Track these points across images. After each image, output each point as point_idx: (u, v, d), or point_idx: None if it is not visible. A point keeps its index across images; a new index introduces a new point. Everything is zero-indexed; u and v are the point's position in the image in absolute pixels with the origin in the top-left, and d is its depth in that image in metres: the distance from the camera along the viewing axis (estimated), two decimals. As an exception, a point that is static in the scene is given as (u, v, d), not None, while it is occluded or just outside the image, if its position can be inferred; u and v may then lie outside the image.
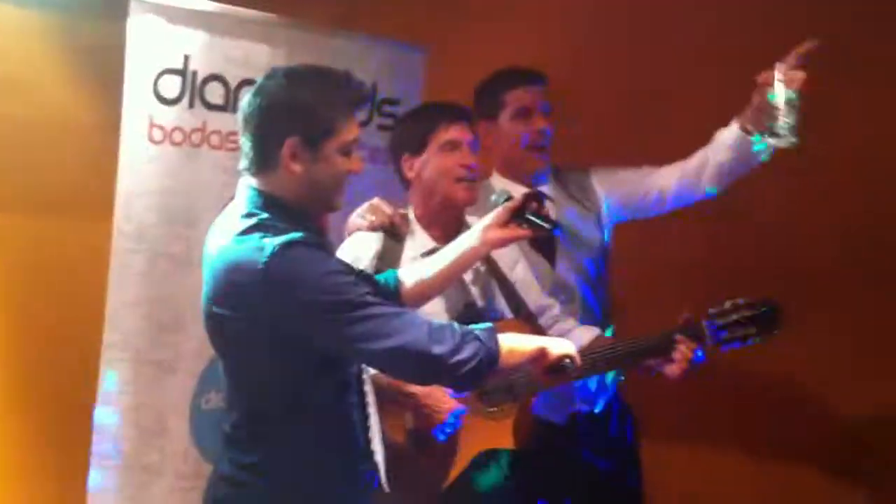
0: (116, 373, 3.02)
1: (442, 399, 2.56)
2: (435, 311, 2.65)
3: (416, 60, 3.59)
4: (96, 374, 3.01)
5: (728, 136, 2.91)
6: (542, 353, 2.22)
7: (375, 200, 2.83)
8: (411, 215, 2.81)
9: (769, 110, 2.69)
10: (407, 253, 2.74)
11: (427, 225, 2.78)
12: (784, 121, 2.70)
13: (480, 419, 2.66)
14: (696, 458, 3.80)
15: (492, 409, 2.68)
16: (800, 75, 2.67)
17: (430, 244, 2.74)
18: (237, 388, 2.22)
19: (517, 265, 2.88)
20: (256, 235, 2.10)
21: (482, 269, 2.81)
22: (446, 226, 2.73)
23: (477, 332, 2.16)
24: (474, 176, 2.71)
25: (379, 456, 2.31)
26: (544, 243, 3.00)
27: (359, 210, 2.83)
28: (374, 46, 3.45)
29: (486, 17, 3.93)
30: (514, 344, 2.20)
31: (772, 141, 2.73)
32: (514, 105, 3.03)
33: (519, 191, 2.99)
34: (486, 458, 2.69)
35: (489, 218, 2.49)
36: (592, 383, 3.03)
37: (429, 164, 2.72)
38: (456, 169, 2.70)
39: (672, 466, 3.57)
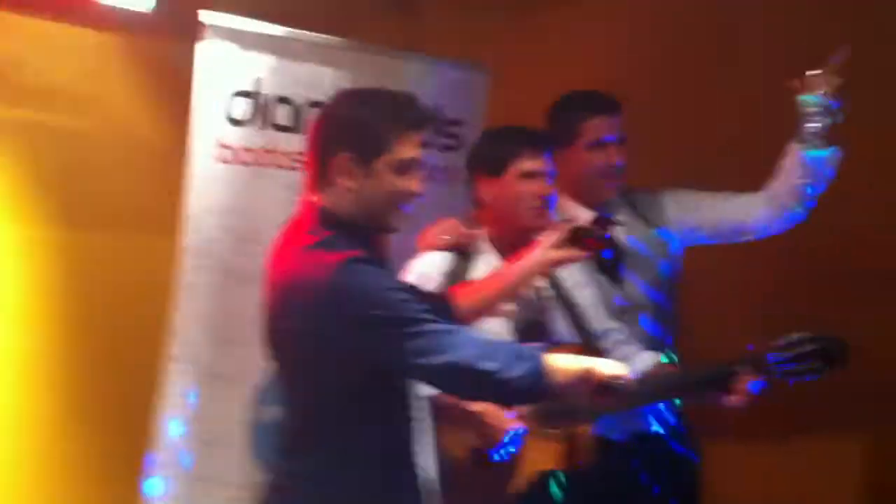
0: (181, 384, 3.10)
1: (503, 419, 2.59)
2: (498, 329, 2.69)
3: (479, 81, 3.64)
4: (160, 387, 3.09)
5: (788, 156, 2.93)
6: (590, 374, 2.23)
7: (450, 220, 2.87)
8: (483, 236, 2.84)
9: (801, 116, 2.72)
10: (476, 272, 2.78)
11: (498, 246, 2.81)
12: (811, 125, 2.70)
13: (542, 440, 2.68)
14: (757, 473, 3.74)
15: (552, 431, 2.70)
16: (832, 80, 2.69)
17: (498, 265, 2.77)
18: (292, 399, 2.29)
19: (585, 288, 2.91)
20: (320, 252, 2.17)
21: (549, 291, 2.85)
22: (516, 247, 2.75)
23: (528, 351, 2.20)
24: (549, 205, 2.75)
25: (424, 472, 2.34)
26: (610, 266, 3.02)
27: (431, 229, 2.87)
28: (437, 67, 3.52)
29: (548, 38, 3.96)
30: (564, 364, 2.22)
31: (800, 146, 2.77)
32: (590, 136, 3.02)
33: (587, 216, 3.05)
34: (545, 479, 2.71)
35: (548, 240, 2.54)
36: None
37: (506, 190, 2.76)
38: (532, 199, 2.74)
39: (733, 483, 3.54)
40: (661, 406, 3.03)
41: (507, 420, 2.60)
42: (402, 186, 2.23)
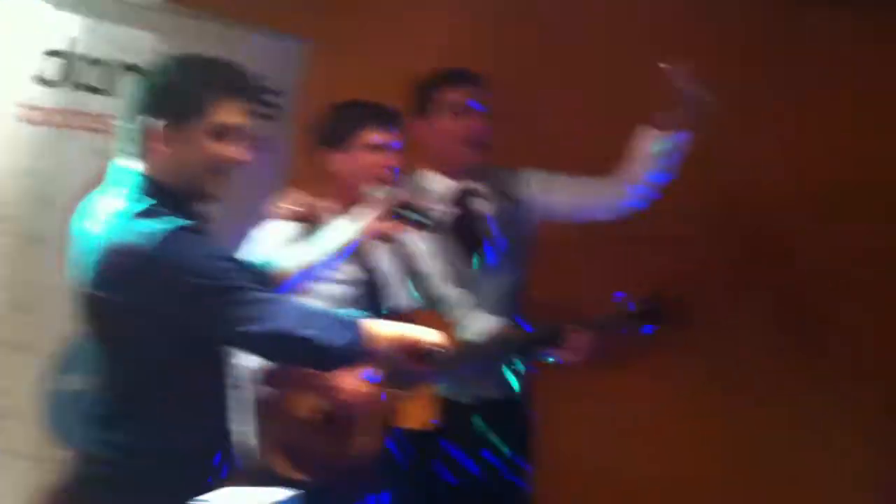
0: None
1: (353, 382, 2.66)
2: (337, 295, 2.76)
3: (298, 51, 3.63)
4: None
5: (642, 138, 3.12)
6: (408, 340, 2.30)
7: (294, 191, 2.90)
8: (328, 208, 2.86)
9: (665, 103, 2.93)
10: None
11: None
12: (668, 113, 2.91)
13: (389, 399, 2.77)
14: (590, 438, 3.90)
15: (400, 392, 2.77)
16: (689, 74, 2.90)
17: None
18: (112, 369, 2.25)
19: (421, 254, 2.99)
20: (144, 220, 2.14)
21: (389, 256, 2.92)
22: None
23: (348, 318, 2.26)
24: (392, 178, 2.80)
25: (238, 437, 2.39)
26: (470, 235, 3.14)
27: (277, 200, 2.88)
28: (257, 36, 3.48)
29: (375, 10, 3.97)
30: (383, 331, 2.28)
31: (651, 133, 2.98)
32: (447, 103, 3.12)
33: (447, 184, 3.16)
34: (389, 437, 2.80)
35: (366, 209, 2.61)
36: (503, 370, 3.16)
37: (350, 162, 2.81)
38: (378, 171, 2.79)
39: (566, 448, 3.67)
40: (505, 370, 3.16)
41: (353, 382, 2.65)
42: (220, 153, 2.21)
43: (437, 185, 3.20)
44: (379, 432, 2.77)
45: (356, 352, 2.23)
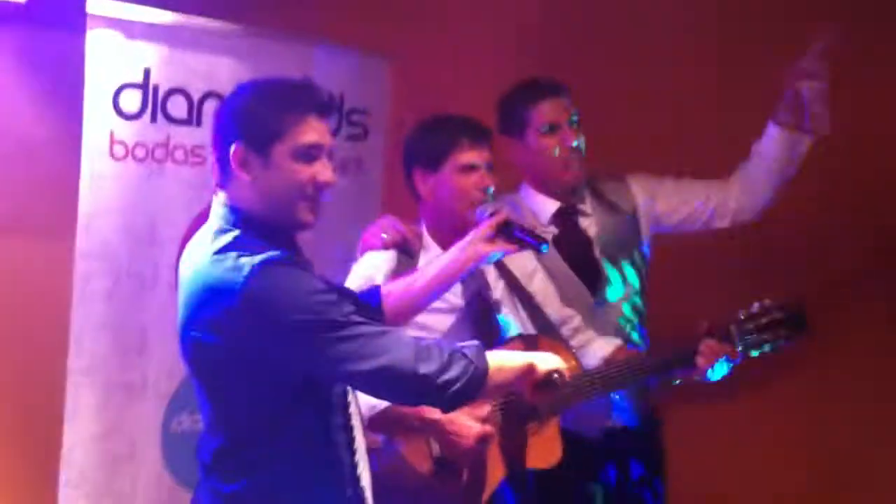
0: (83, 397, 2.92)
1: (467, 423, 2.50)
2: (445, 325, 2.63)
3: (383, 69, 3.53)
4: (63, 400, 2.90)
5: (771, 139, 2.93)
6: (529, 370, 2.16)
7: (387, 218, 2.78)
8: (423, 231, 2.75)
9: (801, 103, 2.77)
10: None
11: (440, 241, 2.72)
12: (813, 112, 2.77)
13: (507, 441, 2.61)
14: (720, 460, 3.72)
15: (517, 429, 2.64)
16: (823, 67, 2.74)
17: None
18: (218, 414, 2.13)
19: (534, 276, 2.84)
20: (232, 254, 2.02)
21: (501, 281, 2.79)
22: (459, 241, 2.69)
23: (464, 350, 2.09)
24: (487, 198, 2.66)
25: (365, 480, 2.23)
26: (581, 256, 2.97)
27: (371, 228, 2.77)
28: (340, 55, 3.38)
29: (450, 25, 3.86)
30: (502, 361, 2.14)
31: (804, 134, 2.82)
32: (540, 120, 2.95)
33: (550, 205, 3.00)
34: (514, 481, 2.65)
35: (475, 232, 2.44)
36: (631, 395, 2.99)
37: (445, 184, 2.67)
38: (473, 192, 2.65)
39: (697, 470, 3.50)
40: (627, 399, 2.99)
41: (471, 425, 2.50)
42: (305, 175, 2.08)
43: (539, 205, 3.03)
44: (499, 475, 2.61)
45: (479, 386, 2.07)
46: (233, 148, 2.07)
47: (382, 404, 2.43)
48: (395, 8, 3.69)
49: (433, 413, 2.47)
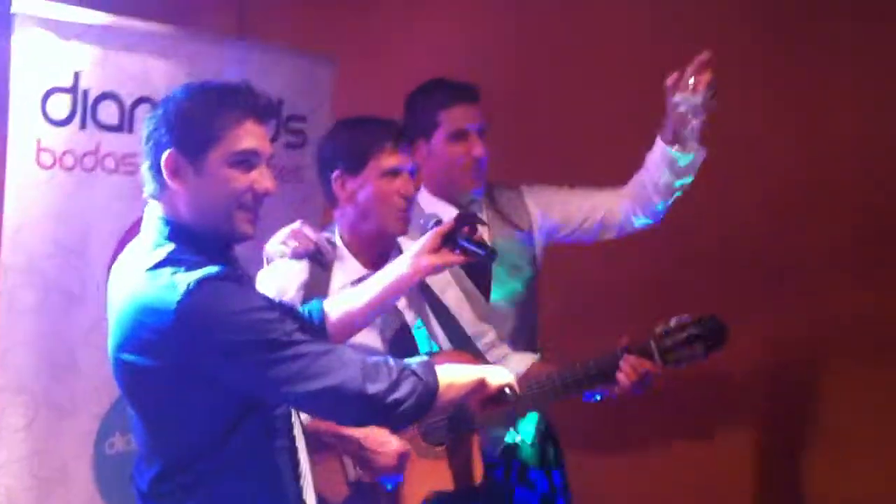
0: (11, 417, 2.79)
1: (385, 440, 2.40)
2: (367, 340, 2.50)
3: (326, 73, 3.43)
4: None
5: (655, 153, 2.87)
6: (481, 385, 2.09)
7: (297, 225, 2.62)
8: (337, 239, 2.62)
9: (678, 118, 2.71)
10: (335, 281, 2.55)
11: (357, 251, 2.60)
12: (681, 124, 2.72)
13: (426, 461, 2.51)
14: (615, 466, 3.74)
15: (438, 448, 2.54)
16: (703, 78, 2.66)
17: (361, 271, 2.56)
18: (154, 438, 2.02)
19: (448, 290, 2.74)
20: (167, 270, 1.91)
21: (416, 295, 2.67)
22: (379, 250, 2.57)
23: (413, 366, 2.01)
24: (411, 206, 2.56)
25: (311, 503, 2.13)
26: (477, 267, 2.83)
27: (278, 235, 2.62)
28: (279, 57, 3.28)
29: (392, 27, 3.79)
30: (453, 377, 2.06)
31: (679, 149, 2.78)
32: (449, 126, 2.85)
33: (449, 212, 2.84)
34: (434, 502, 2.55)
35: (420, 244, 2.34)
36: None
37: (365, 189, 2.54)
38: (395, 198, 2.53)
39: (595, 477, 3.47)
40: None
41: (389, 442, 2.40)
42: (242, 183, 1.97)
43: (437, 211, 2.86)
44: (420, 496, 2.51)
45: (429, 404, 1.99)
46: (165, 155, 1.95)
47: None
48: (336, 12, 3.60)
49: (346, 429, 2.38)
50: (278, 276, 2.55)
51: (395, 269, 2.32)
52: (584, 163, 3.42)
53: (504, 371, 2.16)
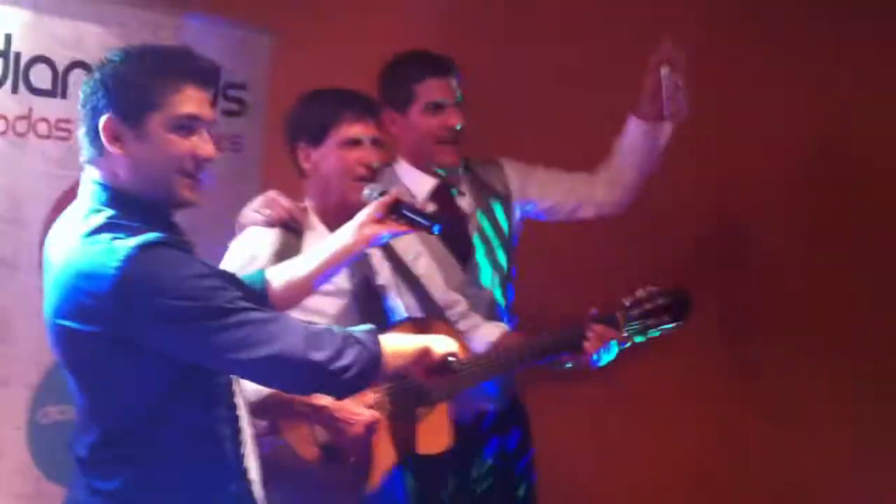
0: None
1: (355, 410, 2.42)
2: (329, 309, 2.54)
3: (263, 43, 3.40)
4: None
5: (632, 132, 2.94)
6: (425, 353, 2.11)
7: (271, 193, 2.64)
8: (308, 208, 2.63)
9: (659, 91, 2.80)
10: (307, 249, 2.55)
11: (326, 219, 2.62)
12: (672, 98, 2.81)
13: (394, 427, 2.54)
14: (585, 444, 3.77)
15: (407, 414, 2.56)
16: (679, 55, 2.77)
17: None
18: (92, 406, 1.99)
19: (419, 258, 2.77)
20: (106, 236, 1.88)
21: (386, 263, 2.70)
22: (347, 219, 2.55)
23: (357, 334, 2.02)
24: (374, 175, 2.56)
25: (253, 473, 2.14)
26: (458, 236, 2.91)
27: (252, 204, 2.64)
28: (217, 27, 3.24)
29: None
30: (397, 345, 2.08)
31: (664, 123, 2.86)
32: (426, 98, 2.88)
33: (427, 182, 2.93)
34: (401, 468, 2.60)
35: (364, 213, 2.34)
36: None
37: (327, 159, 2.55)
38: (356, 168, 2.54)
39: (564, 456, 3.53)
40: (499, 383, 2.96)
41: (360, 411, 2.42)
42: (182, 148, 1.95)
43: (416, 182, 2.96)
44: (389, 461, 2.54)
45: (373, 372, 2.00)
46: (103, 119, 1.93)
47: (266, 390, 2.32)
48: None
49: (320, 399, 2.40)
50: (250, 244, 2.56)
51: (339, 239, 2.33)
52: (560, 141, 3.43)
53: (449, 340, 2.18)
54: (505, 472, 3.02)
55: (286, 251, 2.53)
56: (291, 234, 2.58)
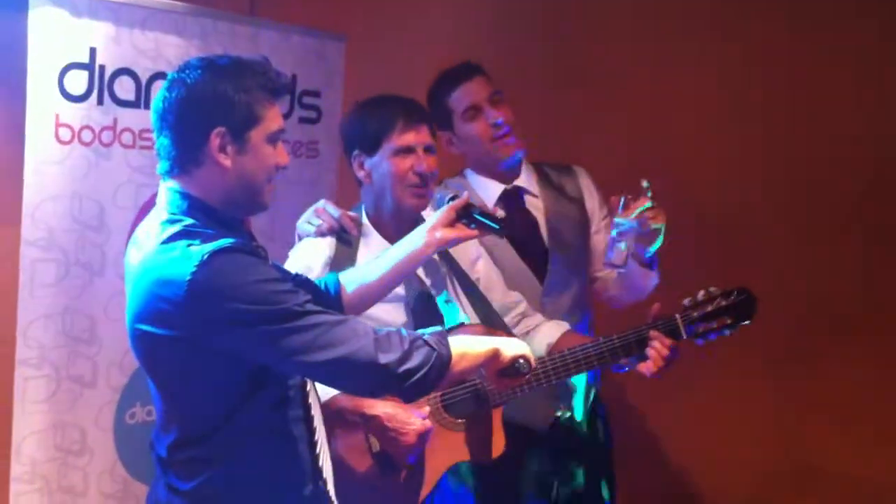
0: (32, 389, 2.83)
1: (407, 419, 2.42)
2: (391, 314, 2.54)
3: (336, 49, 3.46)
4: (11, 393, 2.82)
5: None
6: (495, 355, 2.11)
7: (321, 203, 2.67)
8: (363, 216, 2.66)
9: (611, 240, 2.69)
10: (361, 257, 2.58)
11: (381, 227, 2.63)
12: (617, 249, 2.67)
13: (448, 434, 2.54)
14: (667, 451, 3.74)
15: (460, 421, 2.56)
16: (638, 204, 2.65)
17: (386, 247, 2.57)
18: (170, 408, 2.06)
19: (478, 262, 2.77)
20: (182, 243, 1.94)
21: (442, 269, 2.70)
22: (401, 227, 2.58)
23: (426, 337, 2.04)
24: (427, 182, 2.57)
25: (327, 473, 2.17)
26: (521, 238, 2.89)
27: (305, 215, 2.67)
28: (291, 35, 3.31)
29: (406, 5, 3.80)
30: (467, 347, 2.08)
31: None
32: (461, 106, 2.90)
33: (494, 186, 2.93)
34: (456, 475, 2.59)
35: (434, 218, 2.37)
36: (575, 385, 2.91)
37: (381, 167, 2.57)
38: (409, 175, 2.55)
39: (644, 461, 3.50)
40: (576, 389, 2.92)
41: (412, 420, 2.42)
42: (274, 159, 2.05)
43: (484, 188, 2.96)
44: (441, 469, 2.54)
45: (442, 374, 2.02)
46: (214, 133, 1.99)
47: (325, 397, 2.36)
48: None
49: (373, 408, 2.41)
50: (305, 254, 2.59)
51: (410, 243, 2.36)
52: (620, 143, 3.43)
53: (519, 343, 2.18)
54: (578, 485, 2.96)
55: (339, 260, 2.56)
56: (344, 243, 2.60)
